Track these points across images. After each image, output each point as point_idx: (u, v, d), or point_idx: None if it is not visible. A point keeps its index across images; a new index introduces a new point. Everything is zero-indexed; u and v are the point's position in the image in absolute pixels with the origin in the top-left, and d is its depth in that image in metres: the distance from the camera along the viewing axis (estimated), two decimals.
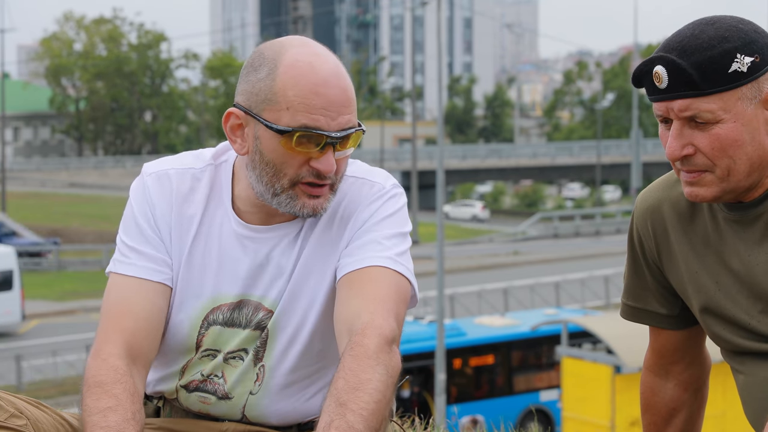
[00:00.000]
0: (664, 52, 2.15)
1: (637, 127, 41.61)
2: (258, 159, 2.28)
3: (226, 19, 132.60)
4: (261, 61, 2.27)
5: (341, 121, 2.24)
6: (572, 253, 47.92)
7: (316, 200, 2.28)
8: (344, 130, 2.25)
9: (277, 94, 2.23)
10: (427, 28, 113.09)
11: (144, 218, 2.37)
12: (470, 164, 70.39)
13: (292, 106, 2.22)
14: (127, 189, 2.53)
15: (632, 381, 15.82)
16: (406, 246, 2.35)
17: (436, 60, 27.01)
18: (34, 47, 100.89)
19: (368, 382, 2.10)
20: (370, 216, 2.35)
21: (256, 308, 2.36)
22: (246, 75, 2.29)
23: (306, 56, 2.25)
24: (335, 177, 2.29)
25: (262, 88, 2.25)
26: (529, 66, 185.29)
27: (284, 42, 2.29)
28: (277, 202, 2.29)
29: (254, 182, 2.30)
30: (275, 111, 2.23)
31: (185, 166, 2.41)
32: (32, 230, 50.45)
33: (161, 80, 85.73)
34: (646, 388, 2.54)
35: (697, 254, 2.31)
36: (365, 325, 2.19)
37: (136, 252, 2.35)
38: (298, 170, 2.26)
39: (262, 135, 2.26)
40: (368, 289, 2.26)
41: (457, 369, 21.38)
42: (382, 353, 2.15)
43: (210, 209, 2.39)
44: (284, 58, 2.24)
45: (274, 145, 2.25)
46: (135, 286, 2.33)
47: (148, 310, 2.31)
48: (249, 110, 2.27)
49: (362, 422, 2.05)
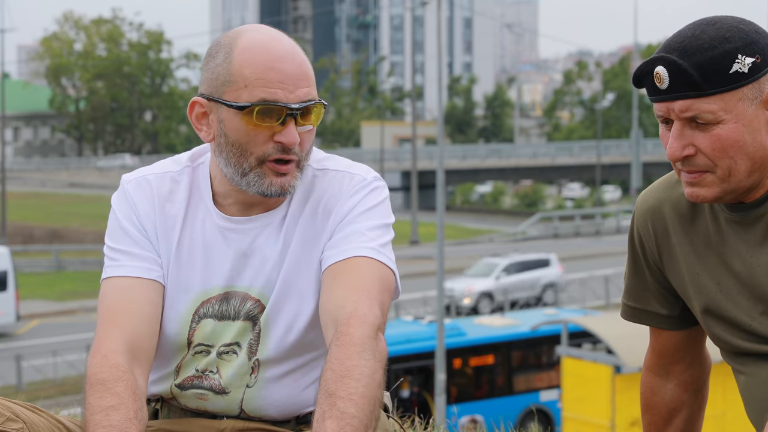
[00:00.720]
0: (665, 52, 2.14)
1: (637, 127, 41.62)
2: (224, 142, 2.32)
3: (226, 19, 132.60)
4: (218, 48, 2.34)
5: (299, 94, 2.29)
6: (572, 253, 47.91)
7: (284, 178, 2.32)
8: (303, 102, 2.29)
9: (235, 74, 2.29)
10: (427, 28, 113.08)
11: (128, 221, 2.40)
12: (470, 164, 70.40)
13: (249, 83, 2.28)
14: None
15: (632, 381, 15.82)
16: (389, 237, 2.38)
17: (436, 60, 27.02)
18: (34, 47, 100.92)
19: (355, 369, 2.11)
20: (352, 207, 2.38)
21: (244, 298, 2.38)
22: (206, 64, 2.35)
23: (260, 38, 2.32)
24: (300, 153, 2.33)
25: (220, 72, 2.31)
26: (529, 66, 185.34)
27: (239, 29, 2.36)
28: (246, 182, 2.32)
29: (223, 167, 2.34)
30: (234, 91, 2.29)
31: (163, 171, 2.46)
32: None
33: (161, 80, 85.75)
34: (646, 388, 2.53)
35: (698, 255, 2.30)
36: (350, 314, 2.21)
37: (126, 254, 2.38)
38: (263, 147, 2.30)
39: (225, 117, 2.31)
40: (352, 279, 2.28)
41: (457, 369, 21.38)
42: (368, 340, 2.17)
43: (191, 207, 2.42)
44: (239, 41, 2.31)
45: (237, 124, 2.29)
46: (130, 285, 2.35)
47: (146, 307, 2.33)
48: (211, 96, 2.32)
49: (353, 407, 2.06)
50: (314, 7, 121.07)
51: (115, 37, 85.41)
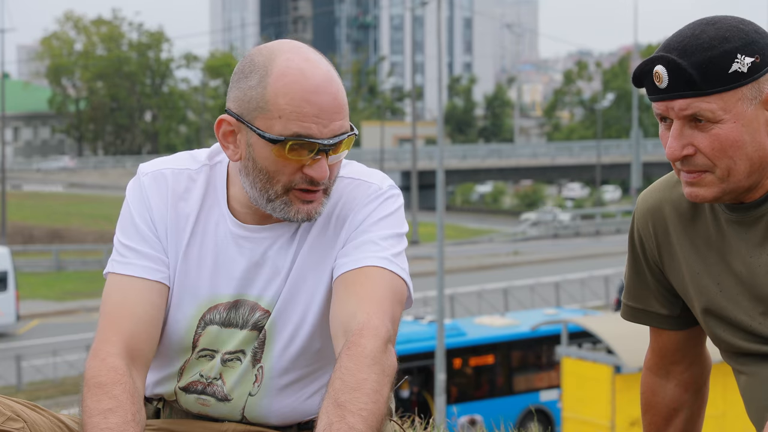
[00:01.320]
0: (665, 51, 2.14)
1: (637, 127, 41.55)
2: (251, 166, 2.28)
3: (226, 19, 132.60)
4: (252, 68, 2.26)
5: (333, 128, 2.24)
6: (572, 253, 47.90)
7: (310, 205, 2.29)
8: (336, 136, 2.25)
9: (269, 102, 2.22)
10: (427, 28, 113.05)
11: (141, 218, 2.37)
12: (470, 164, 70.38)
13: (284, 115, 2.21)
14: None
15: (632, 381, 15.81)
16: (402, 247, 2.35)
17: (436, 60, 27.00)
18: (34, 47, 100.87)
19: (365, 382, 2.09)
20: (366, 217, 2.35)
21: (253, 308, 2.36)
22: (237, 81, 2.28)
23: (297, 63, 2.24)
24: (328, 182, 2.30)
25: (253, 96, 2.24)
26: (529, 66, 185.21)
27: (274, 48, 2.28)
28: (271, 207, 2.29)
29: (248, 188, 2.30)
30: (267, 119, 2.23)
31: (181, 167, 2.42)
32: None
33: (161, 80, 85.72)
34: (646, 389, 2.53)
35: (698, 255, 2.30)
36: (362, 325, 2.19)
37: (134, 251, 2.35)
38: (291, 177, 2.26)
39: (254, 143, 2.26)
40: (364, 289, 2.26)
41: (457, 369, 21.37)
42: (379, 353, 2.15)
43: (205, 209, 2.39)
44: (275, 65, 2.23)
45: (267, 153, 2.25)
46: (134, 286, 2.33)
47: (147, 310, 2.31)
48: (241, 117, 2.26)
49: (362, 422, 2.04)
50: (314, 7, 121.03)
51: (115, 37, 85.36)
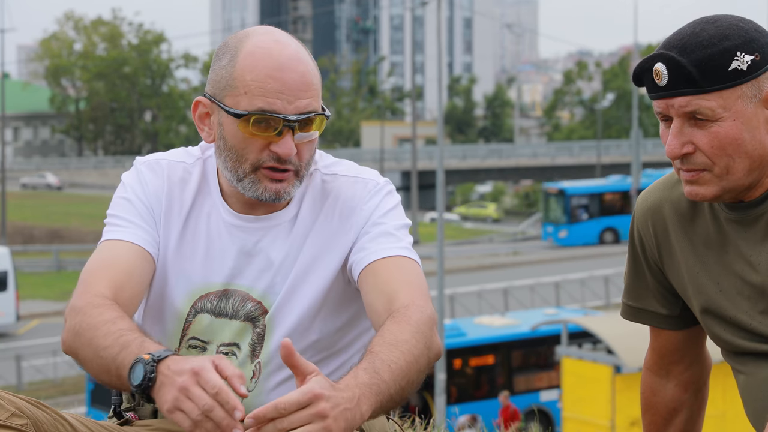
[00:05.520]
0: (665, 49, 2.14)
1: (637, 127, 41.51)
2: (222, 145, 2.32)
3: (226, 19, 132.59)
4: (224, 50, 2.32)
5: (299, 105, 2.26)
6: (572, 253, 47.89)
7: (279, 184, 2.30)
8: (302, 114, 2.26)
9: (236, 79, 2.27)
10: (427, 28, 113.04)
11: (135, 195, 2.40)
12: (470, 164, 70.36)
13: (249, 90, 2.26)
14: None
15: (632, 381, 15.81)
16: (411, 238, 2.38)
17: (436, 60, 27.00)
18: (34, 47, 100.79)
19: (404, 343, 2.08)
20: (373, 210, 2.36)
21: (244, 298, 2.36)
22: (213, 64, 2.34)
23: (266, 42, 2.29)
24: (299, 162, 2.31)
25: (223, 75, 2.29)
26: (529, 66, 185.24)
27: (248, 31, 2.34)
28: (242, 186, 2.32)
29: (221, 168, 2.34)
30: (234, 96, 2.27)
31: (177, 159, 2.46)
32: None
33: (161, 80, 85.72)
34: (646, 388, 2.53)
35: (698, 255, 2.30)
36: (408, 303, 2.18)
37: (126, 220, 2.37)
38: (258, 155, 2.28)
39: (224, 121, 2.30)
40: (398, 275, 2.26)
41: (457, 369, 21.38)
42: (425, 327, 2.15)
43: (199, 199, 2.41)
44: (245, 45, 2.29)
45: (234, 130, 2.28)
46: (122, 246, 2.34)
47: (133, 267, 2.31)
48: (213, 98, 2.31)
49: (388, 373, 2.02)
50: (314, 7, 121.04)
51: (115, 38, 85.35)
